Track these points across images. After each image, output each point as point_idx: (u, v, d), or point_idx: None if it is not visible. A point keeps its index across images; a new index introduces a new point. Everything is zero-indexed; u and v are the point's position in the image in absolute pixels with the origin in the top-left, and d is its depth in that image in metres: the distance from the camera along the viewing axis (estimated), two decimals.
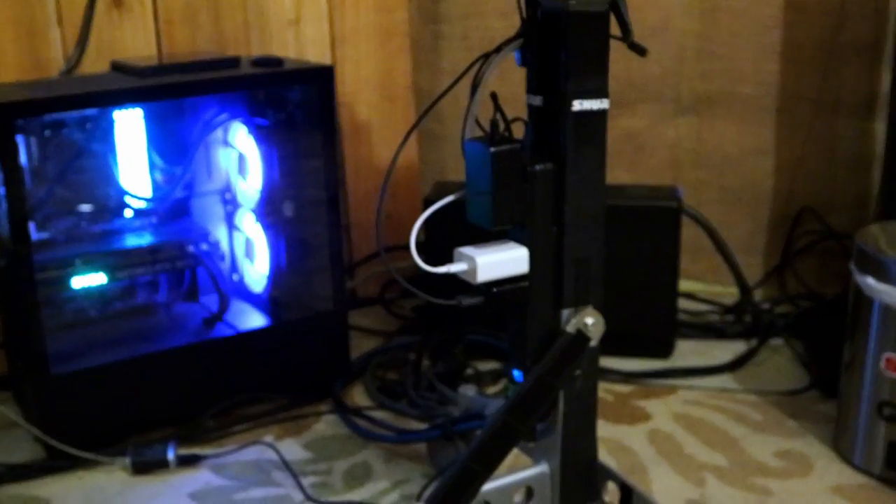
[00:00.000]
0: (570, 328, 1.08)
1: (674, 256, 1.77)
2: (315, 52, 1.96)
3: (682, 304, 1.92)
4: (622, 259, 1.69)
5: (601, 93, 1.03)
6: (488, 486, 1.11)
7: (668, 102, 2.04)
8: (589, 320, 1.08)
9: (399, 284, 1.07)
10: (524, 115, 1.08)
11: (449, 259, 1.06)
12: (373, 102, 2.04)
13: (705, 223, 1.85)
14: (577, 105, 1.02)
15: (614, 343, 1.18)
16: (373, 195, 2.07)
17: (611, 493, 1.19)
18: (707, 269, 2.06)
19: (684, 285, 1.94)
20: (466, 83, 1.07)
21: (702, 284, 2.08)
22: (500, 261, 1.04)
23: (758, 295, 2.03)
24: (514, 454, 1.16)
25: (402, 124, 2.06)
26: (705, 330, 1.91)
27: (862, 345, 1.44)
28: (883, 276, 1.39)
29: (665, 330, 1.82)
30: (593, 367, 1.12)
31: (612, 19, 1.03)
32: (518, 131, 1.07)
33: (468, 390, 1.41)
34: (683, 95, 2.04)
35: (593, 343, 1.09)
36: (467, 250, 1.05)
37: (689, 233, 1.87)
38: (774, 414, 1.62)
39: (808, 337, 1.85)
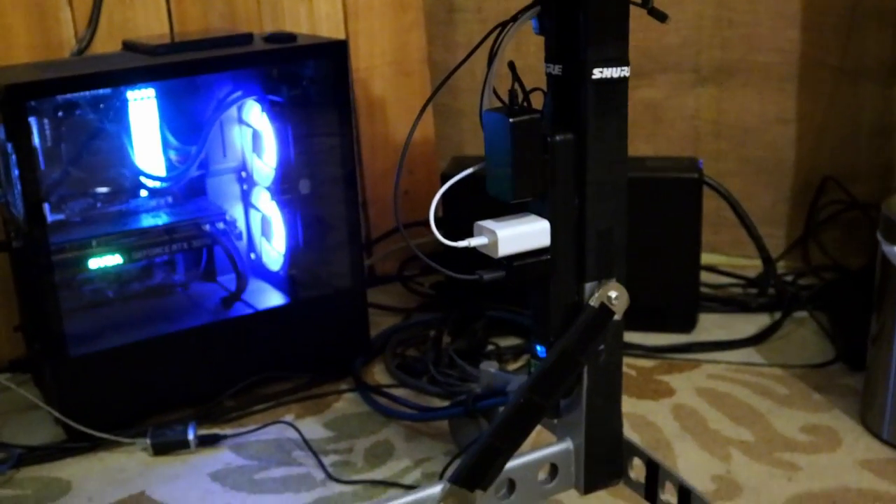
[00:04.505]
0: (594, 302, 1.06)
1: (695, 229, 1.75)
2: (328, 28, 1.94)
3: (705, 277, 1.90)
4: (643, 232, 1.67)
5: (622, 60, 1.00)
6: (512, 464, 1.10)
7: (687, 72, 2.01)
8: (612, 294, 1.06)
9: (418, 261, 1.05)
10: (540, 87, 1.05)
11: (467, 234, 1.04)
12: (387, 77, 2.02)
13: (727, 194, 1.82)
14: (598, 73, 0.99)
15: (636, 317, 1.16)
16: (389, 171, 2.05)
17: (636, 468, 1.17)
18: (729, 241, 2.03)
19: (706, 258, 1.92)
20: (482, 56, 1.04)
21: (724, 257, 2.06)
22: (521, 234, 1.02)
23: (781, 267, 2.00)
24: (538, 431, 1.14)
25: (417, 99, 2.03)
26: (728, 303, 1.89)
27: (890, 316, 1.41)
28: None
29: (688, 304, 1.80)
30: (617, 341, 1.10)
31: None
32: (537, 102, 1.05)
33: (490, 366, 1.39)
34: (702, 65, 2.01)
35: (617, 317, 1.07)
36: (488, 224, 1.03)
37: (711, 205, 1.84)
38: (800, 387, 1.60)
39: (832, 309, 1.83)
